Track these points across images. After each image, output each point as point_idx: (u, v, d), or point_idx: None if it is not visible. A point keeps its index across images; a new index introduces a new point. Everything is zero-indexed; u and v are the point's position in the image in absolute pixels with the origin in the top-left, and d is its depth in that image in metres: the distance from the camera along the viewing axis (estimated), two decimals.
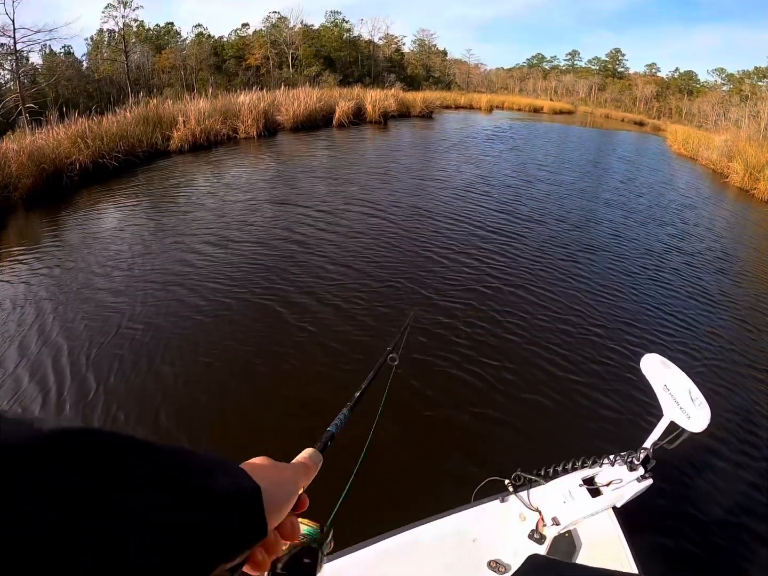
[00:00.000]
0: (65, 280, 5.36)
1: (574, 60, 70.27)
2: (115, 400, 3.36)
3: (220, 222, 7.26)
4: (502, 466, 1.95)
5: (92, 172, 10.14)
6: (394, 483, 2.66)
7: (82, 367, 3.74)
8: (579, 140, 23.04)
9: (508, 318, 4.61)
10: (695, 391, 1.57)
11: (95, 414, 3.24)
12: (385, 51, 53.21)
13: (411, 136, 18.27)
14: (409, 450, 2.93)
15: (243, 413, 3.25)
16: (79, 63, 39.88)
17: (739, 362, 4.33)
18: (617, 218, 8.82)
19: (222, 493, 0.34)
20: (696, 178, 15.74)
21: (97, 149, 10.64)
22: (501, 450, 2.96)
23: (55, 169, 9.48)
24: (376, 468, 2.56)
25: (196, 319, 4.43)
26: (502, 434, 3.12)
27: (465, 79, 61.19)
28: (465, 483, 2.05)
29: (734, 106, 41.43)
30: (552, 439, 3.09)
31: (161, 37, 45.95)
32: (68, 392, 3.47)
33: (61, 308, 4.68)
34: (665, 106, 58.05)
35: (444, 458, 2.88)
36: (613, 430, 3.20)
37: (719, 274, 6.54)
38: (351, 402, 0.87)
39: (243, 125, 15.05)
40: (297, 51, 45.15)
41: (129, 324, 4.35)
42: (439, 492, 2.55)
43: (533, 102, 45.15)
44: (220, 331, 4.23)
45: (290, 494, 0.46)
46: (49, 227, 7.31)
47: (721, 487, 2.90)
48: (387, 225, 7.19)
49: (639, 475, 1.63)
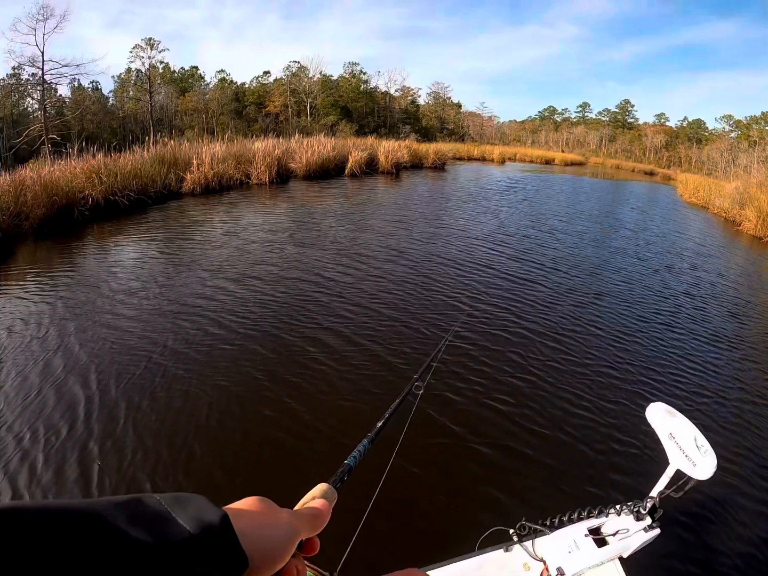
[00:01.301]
0: (74, 305, 5.45)
1: (584, 112, 72.19)
2: (141, 425, 3.38)
3: (235, 261, 7.27)
4: (507, 515, 1.96)
5: (103, 208, 10.23)
6: (399, 529, 2.62)
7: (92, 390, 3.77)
8: (591, 191, 23.08)
9: (520, 365, 4.59)
10: (701, 438, 1.56)
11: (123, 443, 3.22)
12: (401, 102, 55.05)
13: (423, 186, 18.31)
14: (416, 495, 2.87)
15: (260, 444, 3.25)
16: (105, 99, 41.66)
17: (748, 410, 4.24)
18: (630, 266, 8.81)
19: (177, 538, 0.33)
20: (708, 227, 15.43)
21: (111, 186, 10.73)
22: (507, 499, 2.90)
23: (67, 201, 9.54)
24: (382, 511, 2.50)
25: (214, 347, 4.53)
26: (506, 483, 3.05)
27: (479, 131, 62.77)
28: (470, 531, 1.98)
29: (743, 152, 41.77)
30: (557, 488, 3.03)
31: (185, 80, 47.99)
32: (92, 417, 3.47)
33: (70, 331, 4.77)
34: (675, 155, 58.84)
35: (450, 506, 2.83)
36: (619, 480, 3.14)
37: (731, 322, 6.44)
38: (372, 433, 0.83)
39: (256, 171, 15.22)
40: (315, 100, 46.80)
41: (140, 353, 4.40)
42: (443, 539, 2.54)
43: (545, 154, 45.92)
44: (238, 362, 4.29)
45: (285, 539, 0.43)
46: (59, 257, 7.39)
47: (730, 537, 2.78)
48: (405, 269, 7.20)
49: (646, 524, 1.61)
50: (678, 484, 1.59)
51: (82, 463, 2.99)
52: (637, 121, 68.16)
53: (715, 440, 3.34)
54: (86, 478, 2.85)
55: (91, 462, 3.00)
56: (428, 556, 1.80)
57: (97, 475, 2.89)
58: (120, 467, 2.98)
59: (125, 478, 2.89)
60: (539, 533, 1.73)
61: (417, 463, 3.08)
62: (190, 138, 22.25)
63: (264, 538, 0.41)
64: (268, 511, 0.44)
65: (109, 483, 2.85)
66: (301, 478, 2.91)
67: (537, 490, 3.00)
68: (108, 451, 3.10)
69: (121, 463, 3.01)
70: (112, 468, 2.96)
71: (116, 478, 2.89)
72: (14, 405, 3.56)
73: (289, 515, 0.46)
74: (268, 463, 3.10)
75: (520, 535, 1.75)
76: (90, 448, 3.12)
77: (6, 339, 4.61)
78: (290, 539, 0.44)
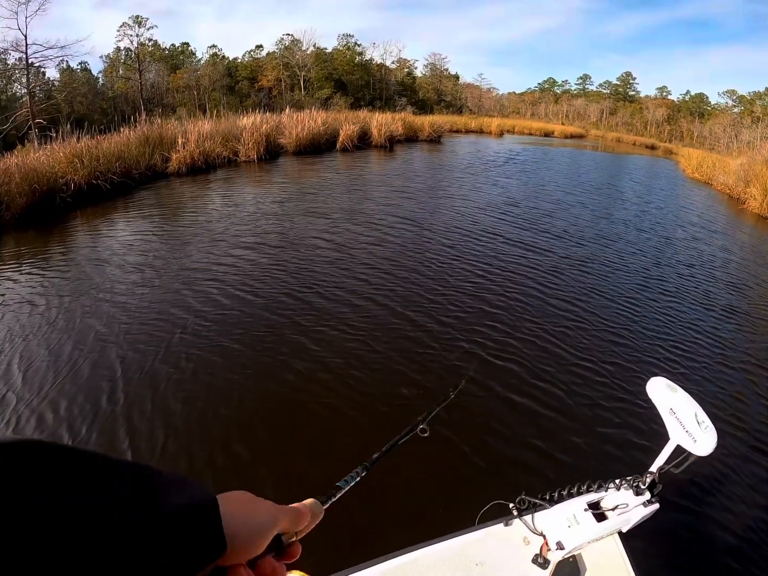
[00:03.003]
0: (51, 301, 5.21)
1: (585, 84, 70.50)
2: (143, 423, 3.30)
3: (210, 246, 7.03)
4: (506, 490, 1.90)
5: (86, 193, 9.94)
6: (398, 502, 2.65)
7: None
8: (593, 164, 22.67)
9: (524, 335, 4.61)
10: (702, 414, 1.55)
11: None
12: (397, 75, 53.70)
13: (416, 161, 17.83)
14: (414, 468, 2.84)
15: (255, 451, 3.10)
16: (95, 80, 40.70)
17: (750, 386, 4.24)
18: (633, 242, 8.73)
19: (172, 510, 0.34)
20: (711, 205, 15.01)
21: (93, 169, 10.40)
22: (505, 473, 2.92)
23: (48, 188, 9.23)
24: (381, 485, 2.58)
25: (211, 345, 4.34)
26: (507, 457, 3.07)
27: (477, 103, 61.41)
28: (469, 506, 1.97)
29: (746, 128, 41.01)
30: (557, 462, 3.03)
31: (176, 57, 46.80)
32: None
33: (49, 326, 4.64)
34: (676, 129, 57.80)
35: (448, 481, 2.86)
36: (619, 454, 3.15)
37: (733, 301, 6.36)
38: (368, 462, 0.81)
39: (244, 148, 14.77)
40: (309, 73, 45.63)
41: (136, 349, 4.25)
42: (442, 514, 2.55)
43: (544, 126, 45.07)
44: (232, 362, 4.05)
45: (264, 525, 0.44)
46: (39, 249, 7.15)
47: (728, 512, 2.81)
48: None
49: (645, 499, 1.62)
50: (678, 459, 1.58)
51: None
52: (638, 94, 66.50)
53: (716, 416, 3.42)
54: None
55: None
56: (428, 530, 1.82)
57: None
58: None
59: None
60: (539, 507, 1.73)
61: (416, 438, 2.98)
62: (182, 116, 21.75)
63: (245, 524, 0.41)
64: (250, 499, 0.45)
65: None
66: (292, 490, 2.72)
67: (536, 464, 3.00)
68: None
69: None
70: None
71: None
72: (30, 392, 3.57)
73: (269, 505, 0.47)
74: (263, 471, 2.93)
75: (519, 510, 1.73)
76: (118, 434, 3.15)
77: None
78: (268, 527, 0.44)
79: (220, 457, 3.00)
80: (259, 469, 2.93)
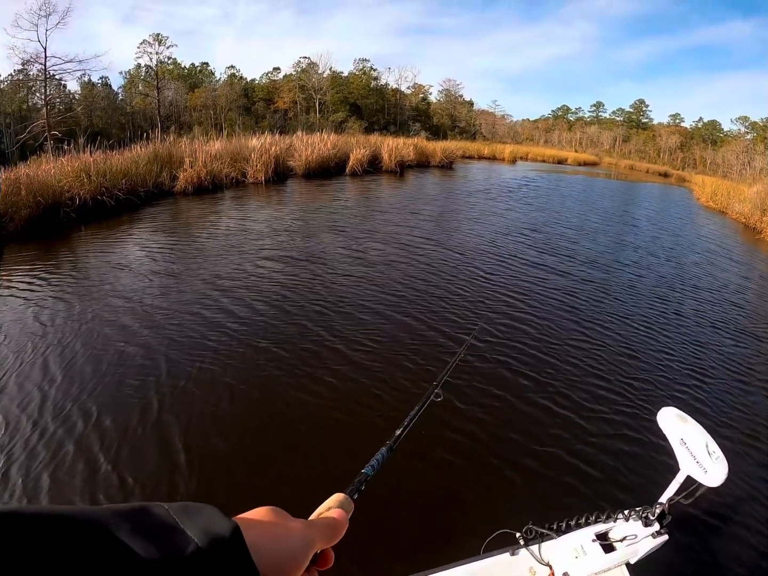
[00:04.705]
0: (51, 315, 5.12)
1: (598, 111, 70.86)
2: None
3: (206, 268, 6.85)
4: (513, 519, 1.86)
5: (91, 208, 9.82)
6: (406, 530, 2.60)
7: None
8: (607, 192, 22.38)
9: (536, 366, 4.52)
10: (712, 444, 1.52)
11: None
12: (412, 100, 54.25)
13: (426, 187, 17.55)
14: (417, 496, 2.84)
15: (268, 456, 3.21)
16: (114, 95, 41.55)
17: (762, 417, 4.15)
18: (649, 274, 8.57)
19: (184, 551, 0.31)
20: (728, 233, 14.58)
21: (99, 185, 10.28)
22: (512, 502, 2.87)
23: (53, 201, 9.12)
24: (384, 512, 2.57)
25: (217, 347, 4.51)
26: (513, 486, 3.02)
27: (490, 129, 61.75)
28: (475, 535, 1.92)
29: (759, 154, 40.53)
30: (565, 492, 2.98)
31: (195, 76, 47.77)
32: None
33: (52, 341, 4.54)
34: (689, 156, 57.56)
35: (455, 509, 2.82)
36: (628, 484, 3.10)
37: (747, 333, 6.24)
38: (390, 441, 0.80)
39: (252, 169, 14.67)
40: (324, 96, 46.22)
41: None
42: (447, 543, 2.51)
43: (558, 153, 44.99)
44: (249, 365, 4.21)
45: (299, 550, 0.41)
46: (41, 262, 6.96)
47: (740, 545, 2.73)
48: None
49: (654, 530, 1.58)
50: (688, 490, 1.55)
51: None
52: (651, 121, 66.68)
53: (727, 447, 3.38)
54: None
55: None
56: (433, 559, 1.78)
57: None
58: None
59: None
60: (546, 537, 1.69)
61: (422, 464, 3.07)
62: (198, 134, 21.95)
63: (276, 550, 0.38)
64: (281, 522, 0.42)
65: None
66: (317, 486, 2.77)
67: (544, 494, 2.96)
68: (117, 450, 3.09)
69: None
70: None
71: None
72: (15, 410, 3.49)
73: (303, 525, 0.43)
74: (284, 467, 3.06)
75: (526, 539, 1.70)
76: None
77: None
78: (304, 551, 0.42)
79: (241, 465, 3.05)
80: (274, 468, 3.03)
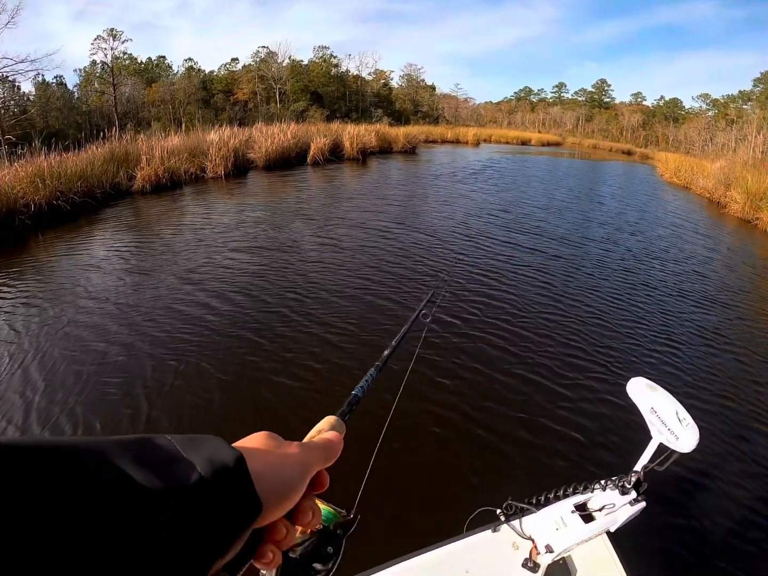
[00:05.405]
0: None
1: (561, 92, 71.76)
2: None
3: (169, 263, 6.83)
4: (493, 496, 1.88)
5: (46, 214, 9.43)
6: (381, 514, 2.59)
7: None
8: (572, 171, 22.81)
9: (501, 342, 4.62)
10: (682, 411, 1.57)
11: None
12: (373, 86, 53.80)
13: (391, 173, 17.58)
14: (396, 479, 2.83)
15: (257, 386, 3.53)
16: (70, 94, 39.90)
17: (730, 382, 4.31)
18: (617, 248, 8.80)
19: (187, 481, 0.31)
20: (692, 209, 14.97)
21: (54, 189, 9.90)
22: (491, 480, 2.93)
23: (8, 210, 8.72)
24: (368, 498, 2.24)
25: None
26: (492, 463, 3.08)
27: (453, 113, 61.86)
28: (455, 514, 1.96)
29: (720, 130, 41.73)
30: (542, 466, 3.06)
31: (152, 70, 46.24)
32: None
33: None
34: (652, 134, 58.97)
35: (432, 490, 2.87)
36: (603, 455, 3.19)
37: (713, 300, 6.50)
38: (379, 361, 0.81)
39: (211, 164, 14.39)
40: (285, 86, 45.40)
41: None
42: (428, 523, 2.53)
43: (521, 134, 45.47)
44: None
45: (298, 476, 0.41)
46: (4, 270, 6.72)
47: (714, 507, 2.89)
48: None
49: (631, 498, 1.63)
50: (661, 457, 1.59)
51: None
52: (613, 100, 67.97)
53: (698, 408, 3.63)
54: None
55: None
56: (414, 541, 1.79)
57: None
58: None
59: None
60: (526, 512, 1.73)
61: (405, 443, 3.12)
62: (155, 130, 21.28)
63: (277, 478, 0.38)
64: (278, 447, 0.41)
65: None
66: (307, 412, 3.24)
67: (522, 469, 3.04)
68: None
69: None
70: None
71: None
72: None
73: (300, 449, 0.43)
74: (277, 397, 3.37)
75: (507, 515, 1.74)
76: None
77: None
78: (303, 476, 0.42)
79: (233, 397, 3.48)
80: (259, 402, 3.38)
